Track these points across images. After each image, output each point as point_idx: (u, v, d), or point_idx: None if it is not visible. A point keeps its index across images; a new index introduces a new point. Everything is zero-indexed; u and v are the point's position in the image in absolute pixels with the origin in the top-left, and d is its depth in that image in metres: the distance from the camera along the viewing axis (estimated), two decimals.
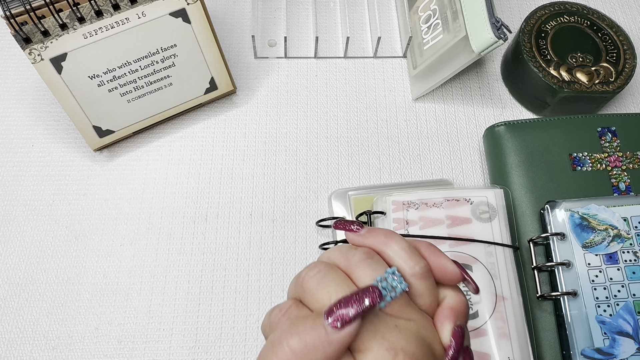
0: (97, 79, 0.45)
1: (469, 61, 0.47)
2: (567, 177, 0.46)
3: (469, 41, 0.46)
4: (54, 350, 0.43)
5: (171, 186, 0.49)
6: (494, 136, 0.49)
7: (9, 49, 0.55)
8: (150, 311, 0.44)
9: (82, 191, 0.49)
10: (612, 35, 0.53)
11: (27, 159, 0.50)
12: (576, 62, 0.51)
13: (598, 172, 0.46)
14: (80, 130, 0.47)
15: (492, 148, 0.49)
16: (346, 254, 0.26)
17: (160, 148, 0.51)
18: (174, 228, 0.47)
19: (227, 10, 0.58)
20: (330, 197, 0.48)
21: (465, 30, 0.46)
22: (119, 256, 0.46)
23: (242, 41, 0.57)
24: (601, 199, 0.44)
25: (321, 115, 0.53)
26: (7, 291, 0.44)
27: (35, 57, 0.42)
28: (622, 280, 0.41)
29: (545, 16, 0.54)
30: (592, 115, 0.49)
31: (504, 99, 0.55)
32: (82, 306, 0.44)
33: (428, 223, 0.43)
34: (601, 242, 0.42)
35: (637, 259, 0.41)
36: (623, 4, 0.61)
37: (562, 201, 0.43)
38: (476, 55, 0.45)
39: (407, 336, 0.23)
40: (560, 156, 0.47)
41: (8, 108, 0.52)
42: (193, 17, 0.46)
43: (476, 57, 0.46)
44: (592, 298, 0.41)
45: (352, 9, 0.59)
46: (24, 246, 0.46)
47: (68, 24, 0.42)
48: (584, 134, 0.48)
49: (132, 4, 0.43)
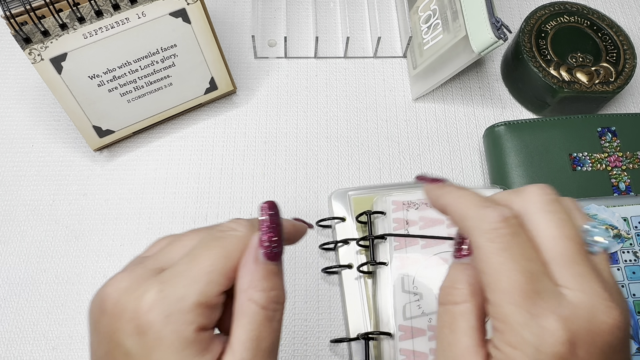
0: (97, 79, 0.45)
1: (469, 61, 0.47)
2: (567, 177, 0.46)
3: (469, 41, 0.46)
4: (54, 350, 0.43)
5: (171, 186, 0.49)
6: (494, 136, 0.49)
7: (9, 49, 0.55)
8: None
9: (82, 191, 0.49)
10: (612, 35, 0.53)
11: (27, 159, 0.50)
12: (576, 62, 0.51)
13: (598, 172, 0.46)
14: (80, 130, 0.47)
15: (492, 148, 0.49)
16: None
17: (160, 148, 0.51)
18: (174, 228, 0.47)
19: (227, 10, 0.58)
20: (330, 197, 0.48)
21: (465, 30, 0.46)
22: (119, 256, 0.46)
23: (242, 41, 0.57)
24: (601, 199, 0.44)
25: (321, 115, 0.53)
26: (7, 291, 0.44)
27: (35, 57, 0.42)
28: (622, 281, 0.41)
29: (545, 16, 0.54)
30: (592, 115, 0.49)
31: (504, 99, 0.55)
32: (82, 306, 0.44)
33: (428, 223, 0.43)
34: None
35: (637, 259, 0.41)
36: (623, 4, 0.61)
37: None
38: (476, 55, 0.45)
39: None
40: (560, 156, 0.47)
41: (8, 108, 0.52)
42: (193, 17, 0.46)
43: (476, 57, 0.46)
44: None
45: (352, 9, 0.59)
46: (24, 246, 0.46)
47: (68, 24, 0.42)
48: (584, 134, 0.48)
49: (132, 4, 0.43)
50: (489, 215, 0.22)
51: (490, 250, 0.21)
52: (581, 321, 0.19)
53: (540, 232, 0.22)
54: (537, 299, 0.20)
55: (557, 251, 0.21)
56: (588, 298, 0.20)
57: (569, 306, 0.20)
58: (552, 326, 0.19)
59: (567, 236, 0.21)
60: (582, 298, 0.20)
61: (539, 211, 0.22)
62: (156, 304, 0.22)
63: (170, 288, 0.23)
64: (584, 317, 0.20)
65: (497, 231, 0.21)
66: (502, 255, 0.21)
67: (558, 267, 0.21)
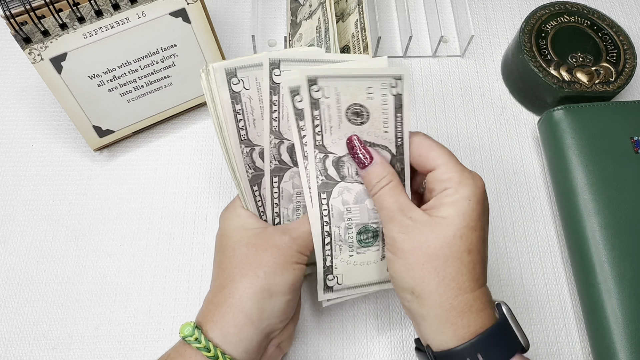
0: (97, 78, 0.45)
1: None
2: (630, 160, 0.46)
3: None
4: (54, 350, 0.43)
5: (171, 186, 0.49)
6: (552, 120, 0.49)
7: (9, 49, 0.55)
8: (150, 311, 0.44)
9: (82, 191, 0.49)
10: (612, 35, 0.53)
11: (27, 159, 0.50)
12: (576, 62, 0.51)
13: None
14: (80, 130, 0.47)
15: (550, 132, 0.49)
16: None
17: (160, 148, 0.51)
18: (174, 228, 0.47)
19: (227, 10, 0.58)
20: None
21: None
22: (119, 256, 0.46)
23: (242, 41, 0.57)
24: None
25: None
26: (7, 291, 0.44)
27: (35, 57, 0.42)
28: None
29: (545, 16, 0.54)
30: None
31: (504, 99, 0.55)
32: (82, 306, 0.44)
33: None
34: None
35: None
36: (623, 4, 0.61)
37: None
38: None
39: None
40: (622, 139, 0.47)
41: (8, 108, 0.52)
42: (193, 17, 0.45)
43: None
44: None
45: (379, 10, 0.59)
46: (24, 246, 0.46)
47: (68, 24, 0.42)
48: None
49: (132, 4, 0.43)
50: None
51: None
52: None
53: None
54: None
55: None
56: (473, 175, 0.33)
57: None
58: (478, 181, 0.33)
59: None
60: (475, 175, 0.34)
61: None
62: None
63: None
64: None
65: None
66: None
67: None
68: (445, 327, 0.31)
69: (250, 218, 0.37)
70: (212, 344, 0.32)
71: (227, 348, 0.32)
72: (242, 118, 0.35)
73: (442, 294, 0.31)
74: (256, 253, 0.35)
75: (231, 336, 0.33)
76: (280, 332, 0.36)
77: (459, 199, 0.32)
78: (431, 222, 0.32)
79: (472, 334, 0.30)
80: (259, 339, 0.34)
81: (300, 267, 0.36)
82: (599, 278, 0.42)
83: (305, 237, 0.36)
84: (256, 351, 0.34)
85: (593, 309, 0.42)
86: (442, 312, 0.31)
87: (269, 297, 0.34)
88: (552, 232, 0.48)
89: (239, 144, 0.36)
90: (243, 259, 0.35)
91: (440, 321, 0.31)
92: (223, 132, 0.36)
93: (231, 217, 0.38)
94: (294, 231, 0.36)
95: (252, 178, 0.37)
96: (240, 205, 0.38)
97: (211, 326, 0.33)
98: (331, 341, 0.43)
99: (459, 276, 0.31)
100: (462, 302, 0.31)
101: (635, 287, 0.42)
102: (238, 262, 0.35)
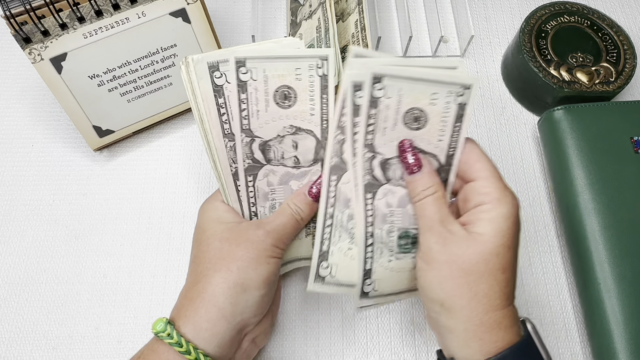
0: (97, 78, 0.45)
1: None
2: (630, 160, 0.46)
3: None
4: (54, 350, 0.43)
5: (171, 186, 0.49)
6: (552, 120, 0.49)
7: (9, 49, 0.55)
8: (150, 311, 0.44)
9: (82, 191, 0.49)
10: (612, 35, 0.53)
11: (27, 159, 0.50)
12: (576, 62, 0.51)
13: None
14: (80, 130, 0.47)
15: (550, 132, 0.49)
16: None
17: (160, 148, 0.51)
18: (174, 228, 0.47)
19: (227, 10, 0.58)
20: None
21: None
22: (119, 256, 0.46)
23: (242, 41, 0.57)
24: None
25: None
26: (7, 291, 0.44)
27: (35, 57, 0.42)
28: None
29: (545, 16, 0.54)
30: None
31: (504, 99, 0.55)
32: (82, 306, 0.44)
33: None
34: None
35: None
36: (623, 4, 0.61)
37: None
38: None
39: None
40: (621, 140, 0.47)
41: (8, 108, 0.52)
42: (193, 17, 0.45)
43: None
44: None
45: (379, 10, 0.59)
46: (24, 246, 0.46)
47: (68, 24, 0.42)
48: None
49: (132, 4, 0.43)
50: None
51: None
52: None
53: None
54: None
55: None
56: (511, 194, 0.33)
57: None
58: (515, 200, 0.32)
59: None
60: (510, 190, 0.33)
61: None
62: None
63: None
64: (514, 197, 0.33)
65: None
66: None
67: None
68: (472, 341, 0.31)
69: (227, 212, 0.37)
70: (184, 340, 0.32)
71: (199, 343, 0.32)
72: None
73: (473, 309, 0.31)
74: (230, 247, 0.35)
75: (204, 331, 0.33)
76: (255, 327, 0.36)
77: (496, 216, 0.31)
78: (468, 237, 0.31)
79: (498, 350, 0.30)
80: (232, 333, 0.34)
81: (276, 260, 0.36)
82: (599, 278, 0.43)
83: (280, 230, 0.36)
84: (229, 346, 0.34)
85: (593, 308, 0.42)
86: (470, 326, 0.31)
87: (243, 291, 0.34)
88: (552, 232, 0.48)
89: (222, 137, 0.36)
90: (217, 254, 0.35)
91: (468, 335, 0.31)
92: (204, 125, 0.36)
93: (208, 210, 0.38)
94: (269, 225, 0.36)
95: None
96: (220, 198, 0.38)
97: (184, 321, 0.33)
98: (331, 341, 0.43)
99: (491, 293, 0.31)
100: (491, 319, 0.30)
101: (635, 286, 0.42)
102: (212, 257, 0.35)
